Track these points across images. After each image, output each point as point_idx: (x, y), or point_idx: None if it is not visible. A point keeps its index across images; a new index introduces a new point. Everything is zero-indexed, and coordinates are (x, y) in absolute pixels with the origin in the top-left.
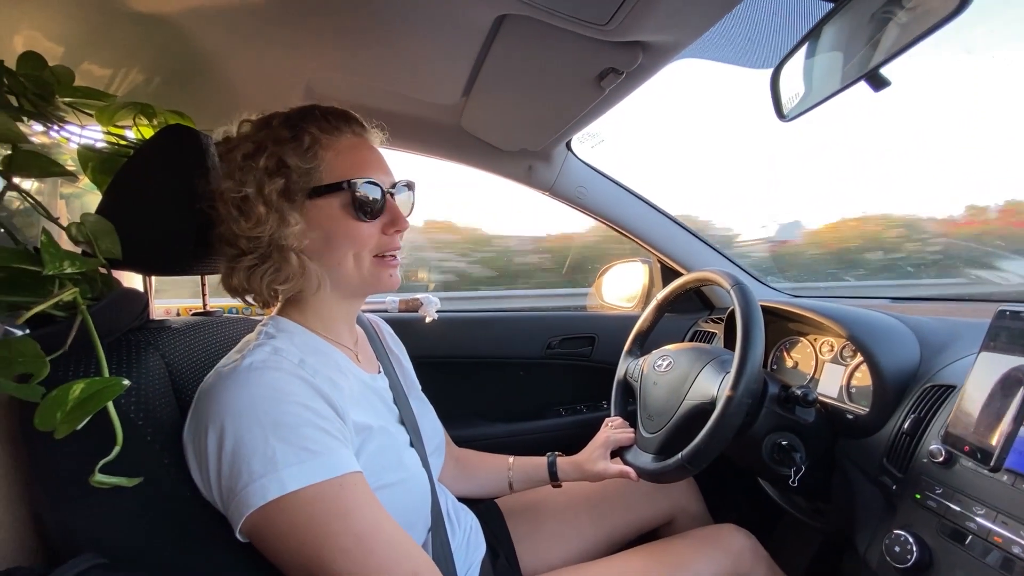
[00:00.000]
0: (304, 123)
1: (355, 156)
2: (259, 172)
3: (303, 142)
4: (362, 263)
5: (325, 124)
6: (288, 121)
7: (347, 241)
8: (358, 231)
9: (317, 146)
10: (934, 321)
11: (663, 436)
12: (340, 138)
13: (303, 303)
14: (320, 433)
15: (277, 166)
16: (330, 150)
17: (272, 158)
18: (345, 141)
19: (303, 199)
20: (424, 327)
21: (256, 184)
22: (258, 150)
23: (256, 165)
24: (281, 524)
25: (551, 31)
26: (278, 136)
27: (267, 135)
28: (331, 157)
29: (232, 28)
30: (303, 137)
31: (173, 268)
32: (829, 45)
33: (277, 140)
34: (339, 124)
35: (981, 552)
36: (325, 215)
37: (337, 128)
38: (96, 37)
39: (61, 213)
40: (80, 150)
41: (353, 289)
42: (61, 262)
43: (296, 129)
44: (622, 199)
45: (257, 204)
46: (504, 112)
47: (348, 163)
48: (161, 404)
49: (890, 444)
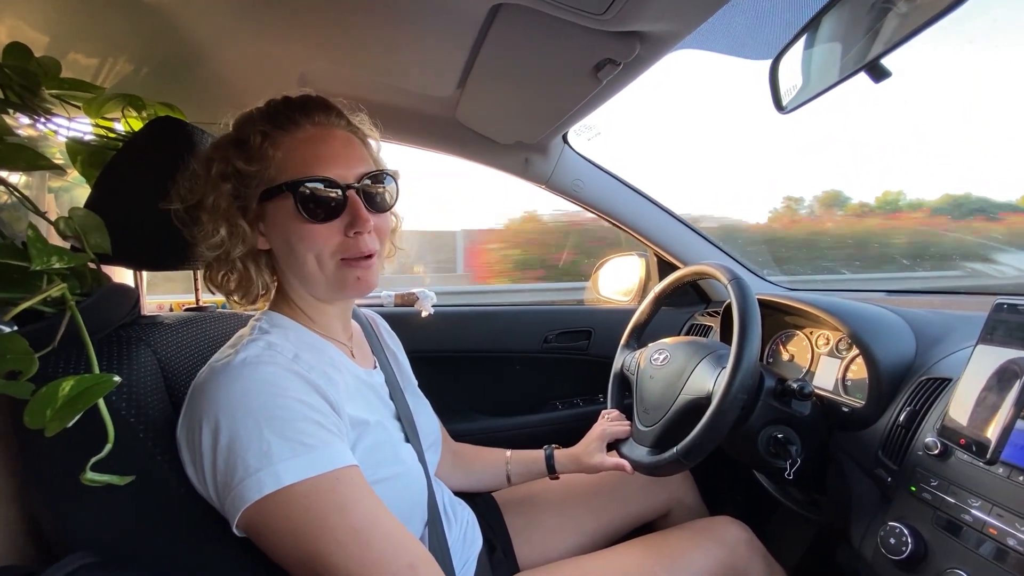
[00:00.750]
0: (261, 121)
1: (308, 151)
2: (212, 179)
3: (254, 142)
4: (324, 266)
5: (281, 119)
6: (250, 118)
7: (303, 245)
8: (312, 234)
9: (267, 144)
10: (930, 314)
11: (659, 430)
12: (295, 132)
13: (294, 299)
14: (315, 427)
15: (227, 171)
16: (280, 148)
17: (223, 163)
18: (300, 135)
19: (255, 204)
20: (420, 321)
21: (205, 191)
22: (213, 155)
23: (210, 172)
24: (277, 518)
25: (547, 21)
26: (236, 137)
27: (229, 137)
28: (281, 156)
29: (223, 18)
30: (254, 137)
31: (164, 263)
32: (828, 36)
33: (234, 142)
34: (296, 116)
35: (975, 544)
36: (280, 218)
37: (293, 121)
38: (83, 27)
39: (50, 207)
40: (68, 143)
41: (322, 293)
42: (49, 257)
43: (243, 130)
44: (619, 192)
45: (202, 211)
46: (499, 104)
47: (298, 161)
48: (153, 400)
49: (885, 437)
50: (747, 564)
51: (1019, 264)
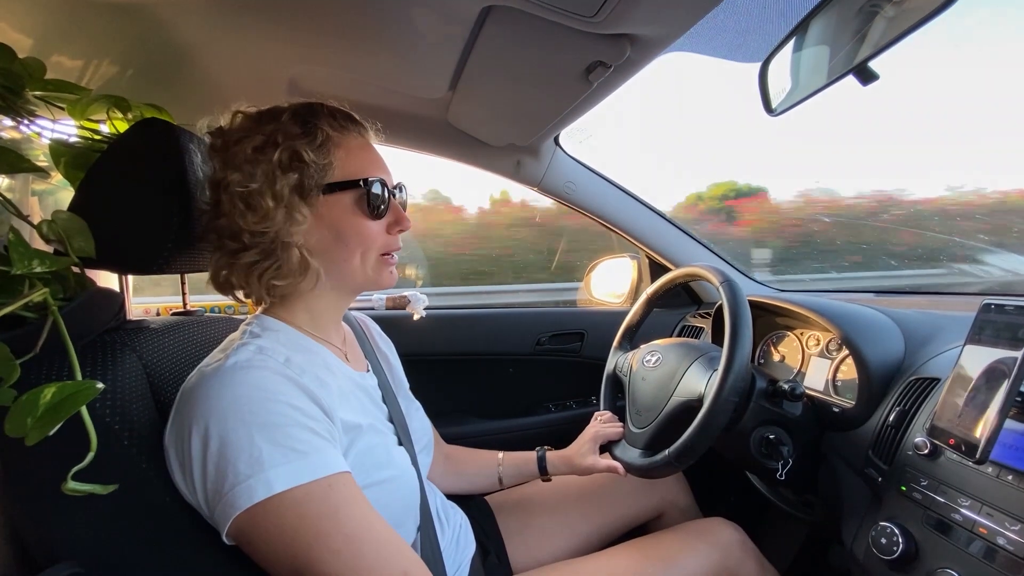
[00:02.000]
0: (316, 119)
1: (364, 156)
2: (271, 165)
3: (316, 138)
4: (368, 261)
5: (334, 122)
6: (298, 116)
7: (357, 239)
8: (368, 229)
9: (330, 143)
10: (918, 314)
11: (651, 432)
12: (347, 137)
13: (292, 301)
14: (307, 433)
15: (291, 160)
16: (341, 148)
17: (286, 151)
18: (352, 141)
19: (316, 195)
20: (412, 324)
21: (267, 177)
22: (269, 143)
23: (268, 158)
24: (269, 526)
25: (538, 23)
26: (290, 130)
27: (277, 128)
28: (342, 155)
29: (211, 19)
30: (316, 133)
31: (150, 266)
32: (816, 39)
33: (289, 134)
34: (346, 124)
35: (966, 543)
36: (337, 212)
37: (344, 128)
38: (67, 28)
39: (33, 210)
40: (52, 145)
41: (354, 286)
42: (30, 261)
43: (308, 125)
44: (610, 195)
45: (266, 198)
46: (491, 106)
47: (359, 162)
48: (139, 407)
49: (876, 437)
50: (740, 565)
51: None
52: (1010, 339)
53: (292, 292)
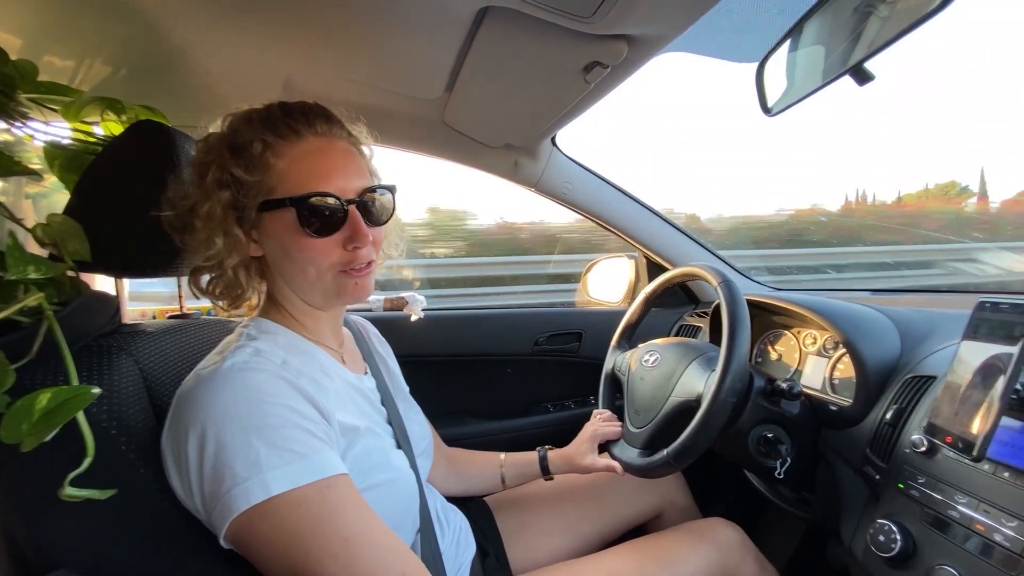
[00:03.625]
0: (260, 127)
1: (311, 164)
2: (208, 185)
3: (254, 150)
4: (323, 277)
5: (282, 127)
6: (248, 123)
7: (302, 256)
8: (312, 247)
9: (268, 153)
10: (914, 313)
11: (649, 431)
12: (297, 143)
13: (284, 305)
14: (304, 434)
15: (225, 179)
16: (283, 158)
17: (221, 170)
18: (303, 146)
19: (252, 213)
20: (410, 326)
21: (202, 197)
22: (210, 160)
23: (205, 178)
24: (266, 529)
25: (535, 24)
26: (232, 143)
27: (223, 141)
28: (283, 166)
29: (206, 20)
30: (255, 145)
31: (145, 270)
32: (812, 40)
33: (231, 148)
34: (298, 126)
35: (963, 540)
36: (279, 229)
37: (295, 131)
38: (60, 29)
39: (27, 214)
40: (46, 147)
41: (318, 301)
42: (25, 266)
43: (250, 135)
44: (608, 195)
45: (196, 219)
46: (488, 107)
47: (302, 173)
48: (135, 411)
49: (873, 435)
50: (739, 565)
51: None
52: (1006, 336)
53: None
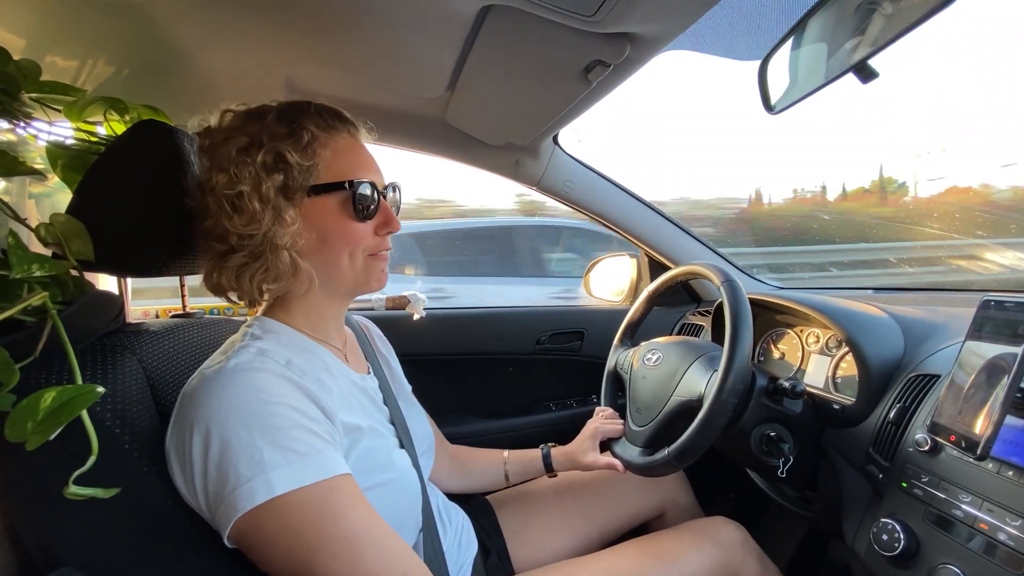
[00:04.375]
0: (301, 119)
1: (352, 156)
2: (256, 167)
3: (302, 138)
4: (356, 262)
5: (321, 122)
6: (283, 116)
7: (343, 240)
8: (355, 231)
9: (316, 144)
10: (918, 311)
11: (651, 430)
12: (336, 137)
13: (290, 303)
14: (308, 435)
15: (275, 161)
16: (328, 148)
17: (270, 153)
18: (341, 141)
19: (301, 197)
20: (412, 324)
21: (253, 179)
22: (254, 144)
23: (252, 160)
24: (269, 528)
25: (537, 22)
26: (275, 131)
27: (261, 129)
28: (329, 156)
29: (208, 19)
30: (302, 133)
31: (149, 269)
32: (815, 37)
33: (274, 135)
34: (335, 123)
35: (966, 539)
36: (323, 214)
37: (333, 127)
38: (63, 29)
39: (31, 214)
40: (49, 147)
41: (345, 288)
42: (29, 265)
43: (294, 125)
44: (609, 193)
45: (253, 200)
46: (490, 106)
47: (346, 163)
48: (139, 410)
49: (876, 433)
50: (741, 564)
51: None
52: (1010, 335)
53: (288, 294)
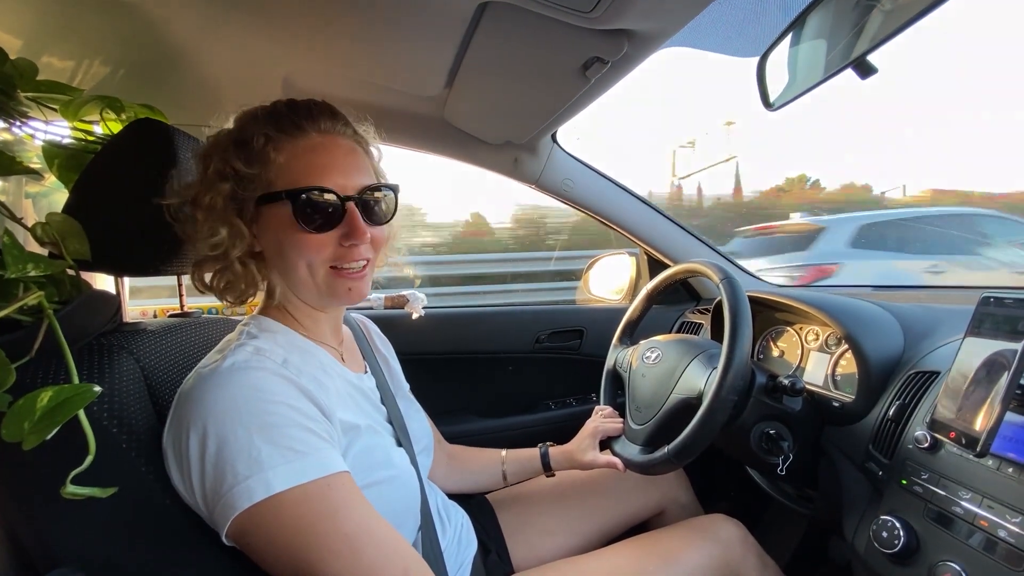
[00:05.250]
0: (264, 123)
1: (311, 160)
2: (209, 177)
3: (255, 144)
4: (315, 273)
5: (285, 123)
6: (253, 119)
7: (295, 251)
8: (305, 242)
9: (269, 148)
10: (917, 308)
11: (650, 428)
12: (299, 138)
13: (286, 303)
14: (306, 433)
15: (225, 172)
16: (283, 153)
17: (222, 162)
18: (304, 142)
19: (252, 206)
20: (411, 324)
21: (204, 189)
22: (212, 153)
23: (206, 169)
24: (268, 527)
25: (534, 19)
26: (237, 137)
27: (229, 136)
28: (282, 161)
29: (204, 18)
30: (257, 139)
31: (146, 268)
32: (814, 33)
33: (235, 142)
34: (301, 122)
35: (966, 535)
36: (275, 223)
37: (298, 127)
38: (59, 28)
39: (27, 213)
40: (45, 146)
41: (311, 298)
42: (25, 264)
43: (253, 129)
44: (608, 192)
45: (198, 210)
46: (488, 104)
47: (301, 168)
48: (137, 410)
49: (876, 431)
50: (741, 561)
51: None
52: (1009, 332)
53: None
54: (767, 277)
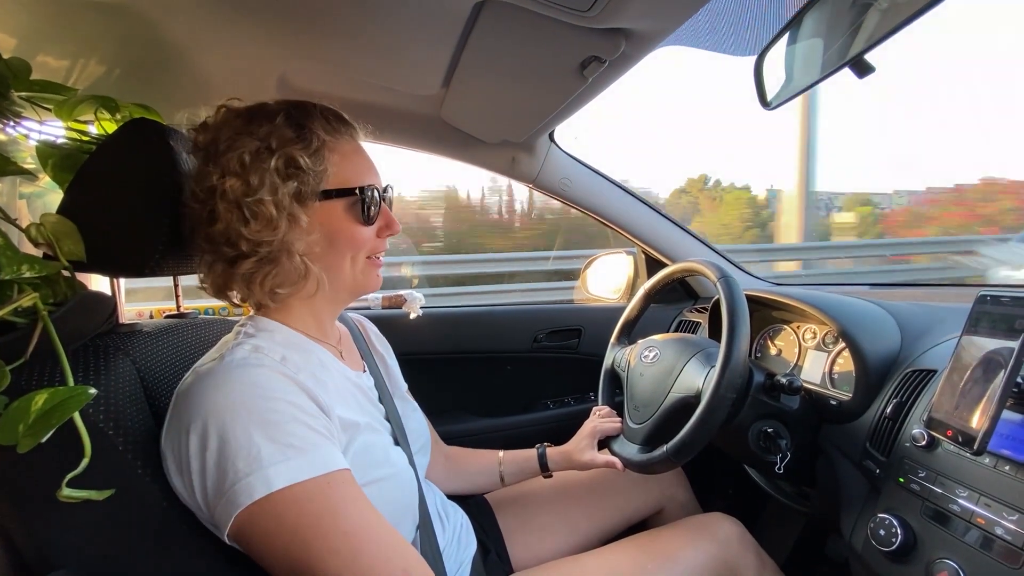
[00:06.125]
0: (309, 123)
1: (357, 160)
2: (271, 173)
3: (311, 143)
4: (356, 265)
5: (327, 125)
6: (291, 118)
7: (349, 244)
8: (360, 234)
9: (324, 148)
10: (914, 306)
11: (649, 427)
12: (340, 140)
13: (287, 303)
14: (306, 430)
15: (288, 167)
16: (335, 152)
17: (283, 158)
18: (347, 145)
19: (313, 201)
20: (409, 324)
21: (267, 185)
22: (266, 148)
23: (267, 165)
24: (268, 524)
25: (531, 18)
26: (285, 135)
27: (271, 131)
28: (338, 160)
29: (200, 16)
30: (311, 138)
31: (141, 269)
32: (811, 32)
33: (285, 139)
34: (339, 126)
35: (963, 533)
36: (331, 218)
37: (337, 131)
38: (53, 27)
39: (21, 214)
40: (39, 147)
41: (347, 291)
42: (19, 266)
43: (303, 129)
44: (606, 191)
45: (270, 207)
46: (485, 103)
47: (353, 167)
48: (133, 412)
49: (873, 429)
50: (740, 559)
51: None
52: (1006, 330)
53: (292, 296)
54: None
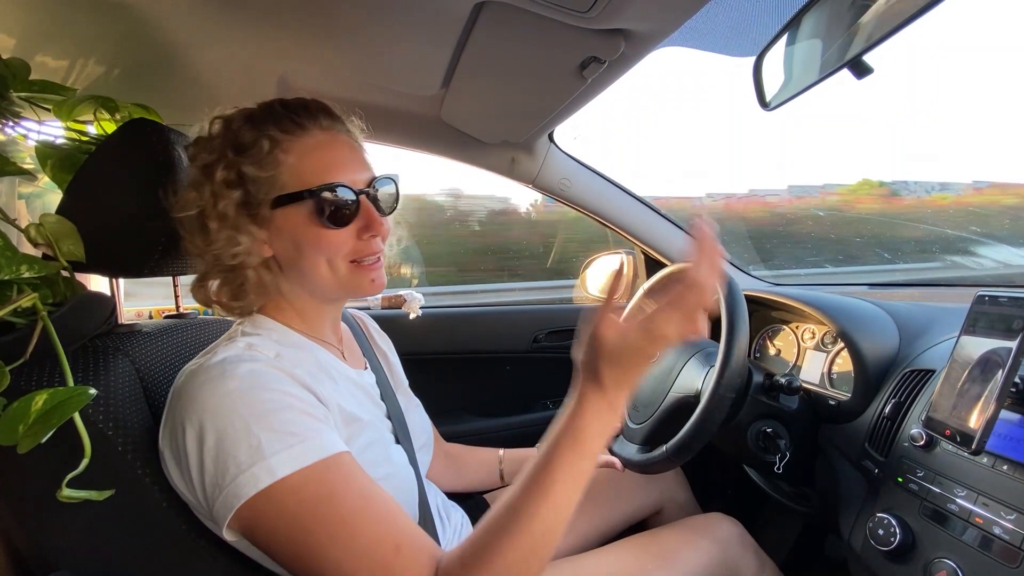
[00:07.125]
0: (264, 125)
1: (321, 157)
2: (216, 185)
3: (262, 147)
4: (337, 269)
5: (287, 123)
6: (249, 122)
7: (316, 250)
8: (327, 239)
9: (277, 150)
10: (912, 307)
11: (648, 427)
12: (304, 137)
13: (284, 302)
14: (302, 416)
15: (234, 178)
16: (292, 153)
17: (229, 169)
18: (310, 140)
19: (266, 210)
20: (408, 324)
21: (211, 198)
22: (216, 161)
23: (211, 178)
24: (271, 514)
25: (531, 19)
26: (236, 142)
27: (225, 141)
28: (293, 161)
29: (199, 17)
30: (261, 142)
31: (140, 269)
32: (810, 33)
33: (235, 147)
34: (303, 120)
35: (961, 532)
36: (292, 224)
37: (300, 126)
38: (52, 27)
39: (20, 214)
40: (38, 147)
41: (332, 295)
42: (18, 266)
43: (255, 132)
44: (605, 191)
45: (211, 220)
46: (484, 103)
47: (313, 166)
48: (132, 412)
49: (872, 429)
50: (739, 559)
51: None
52: (1004, 330)
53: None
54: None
